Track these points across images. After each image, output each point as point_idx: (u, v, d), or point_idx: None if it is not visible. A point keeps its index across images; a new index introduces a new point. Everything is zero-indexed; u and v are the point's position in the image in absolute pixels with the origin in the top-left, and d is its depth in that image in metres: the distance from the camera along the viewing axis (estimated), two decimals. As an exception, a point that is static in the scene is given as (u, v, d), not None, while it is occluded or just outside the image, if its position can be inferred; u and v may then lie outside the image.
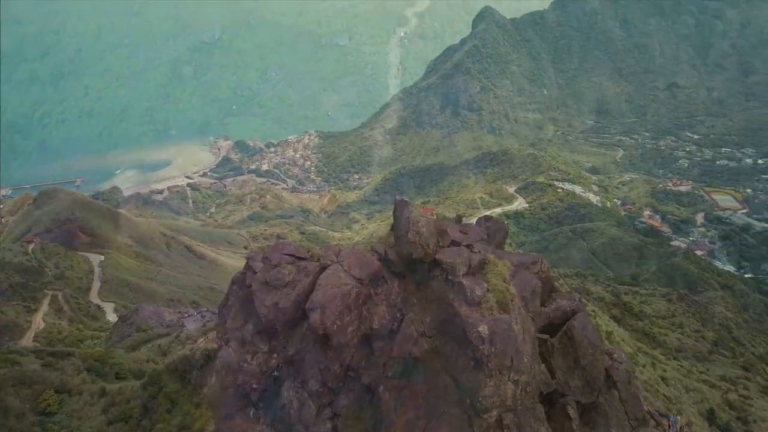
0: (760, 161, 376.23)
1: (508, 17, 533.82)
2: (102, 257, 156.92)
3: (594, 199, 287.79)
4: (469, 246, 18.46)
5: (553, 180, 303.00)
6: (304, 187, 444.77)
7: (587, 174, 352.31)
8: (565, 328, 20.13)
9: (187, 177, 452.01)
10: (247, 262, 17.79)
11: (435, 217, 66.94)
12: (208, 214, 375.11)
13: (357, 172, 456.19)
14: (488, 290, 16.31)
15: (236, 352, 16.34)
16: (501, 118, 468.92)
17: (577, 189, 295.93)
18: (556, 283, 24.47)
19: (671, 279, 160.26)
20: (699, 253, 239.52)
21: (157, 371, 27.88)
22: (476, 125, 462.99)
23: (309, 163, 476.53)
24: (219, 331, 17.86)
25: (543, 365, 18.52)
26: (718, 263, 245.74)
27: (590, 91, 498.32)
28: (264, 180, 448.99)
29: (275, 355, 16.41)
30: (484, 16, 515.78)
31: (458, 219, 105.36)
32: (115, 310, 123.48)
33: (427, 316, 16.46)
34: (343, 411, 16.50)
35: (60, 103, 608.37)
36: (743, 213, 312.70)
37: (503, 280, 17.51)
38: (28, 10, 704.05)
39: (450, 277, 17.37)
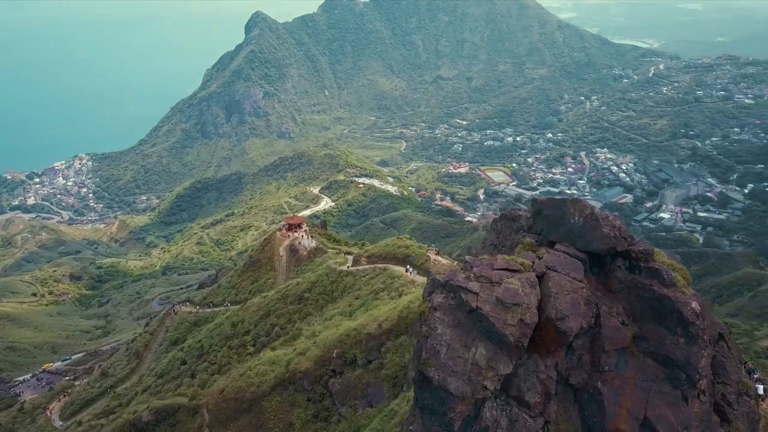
0: (518, 138, 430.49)
1: (280, 21, 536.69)
2: None
3: (393, 189, 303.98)
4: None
5: (352, 177, 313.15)
6: (85, 217, 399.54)
7: (379, 167, 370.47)
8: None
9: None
10: (454, 288, 16.44)
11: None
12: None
13: (144, 193, 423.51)
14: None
15: (466, 383, 14.91)
16: (289, 122, 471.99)
17: (376, 182, 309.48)
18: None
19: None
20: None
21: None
22: (265, 131, 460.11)
23: (85, 189, 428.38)
24: (433, 368, 15.61)
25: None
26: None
27: (368, 89, 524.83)
28: (33, 216, 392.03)
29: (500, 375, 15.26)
30: (256, 21, 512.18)
31: (323, 224, 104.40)
32: None
33: (617, 305, 16.77)
34: (553, 417, 16.23)
35: None
36: (514, 185, 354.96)
37: (667, 259, 18.53)
38: None
39: (642, 264, 17.93)
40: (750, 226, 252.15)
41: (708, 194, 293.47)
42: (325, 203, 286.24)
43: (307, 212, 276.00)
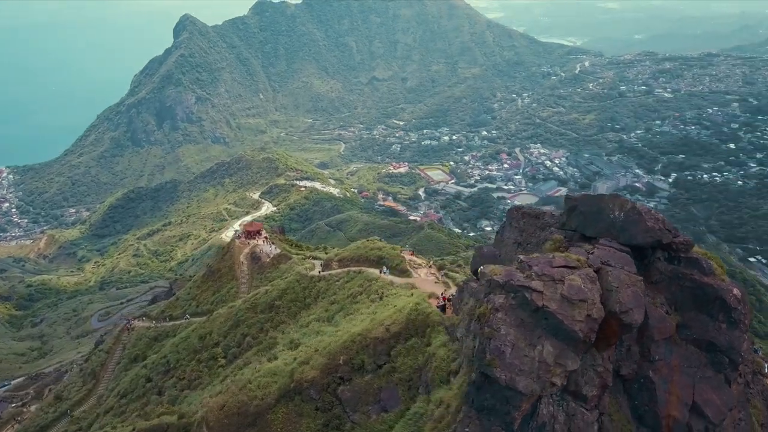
0: (454, 137, 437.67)
1: (210, 24, 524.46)
2: None
3: (335, 191, 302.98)
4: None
5: (293, 180, 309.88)
6: (8, 234, 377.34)
7: (319, 170, 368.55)
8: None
9: None
10: (515, 288, 16.47)
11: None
12: None
13: (73, 206, 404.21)
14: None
15: (534, 381, 14.87)
16: (223, 127, 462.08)
17: (317, 185, 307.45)
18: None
19: (427, 249, 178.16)
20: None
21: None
22: (199, 137, 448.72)
23: (7, 204, 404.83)
24: (498, 368, 15.51)
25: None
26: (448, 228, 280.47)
27: (303, 91, 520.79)
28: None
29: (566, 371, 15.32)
30: (185, 24, 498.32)
31: (281, 230, 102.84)
32: None
33: (660, 295, 17.18)
34: (607, 408, 16.49)
35: None
36: (453, 183, 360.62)
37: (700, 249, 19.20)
38: None
39: (682, 255, 18.44)
40: (676, 214, 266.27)
41: (636, 184, 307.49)
42: (267, 208, 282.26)
43: (248, 218, 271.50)
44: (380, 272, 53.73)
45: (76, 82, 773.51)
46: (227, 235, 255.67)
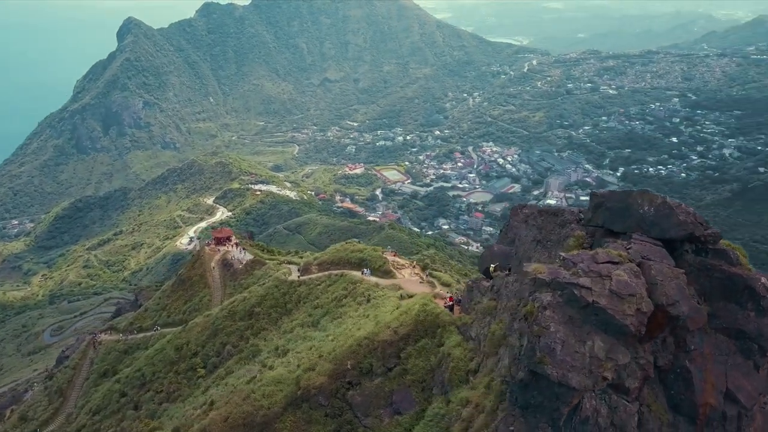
0: (408, 137, 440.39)
1: (155, 27, 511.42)
2: None
3: (292, 194, 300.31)
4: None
5: (248, 184, 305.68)
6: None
7: (274, 173, 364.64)
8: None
9: None
10: (562, 285, 16.77)
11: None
12: None
13: (15, 217, 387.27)
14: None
15: (587, 376, 15.10)
16: (173, 132, 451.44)
17: (273, 188, 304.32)
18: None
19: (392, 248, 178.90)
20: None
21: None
22: (148, 142, 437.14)
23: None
24: (549, 365, 15.56)
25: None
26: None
27: (254, 94, 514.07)
28: None
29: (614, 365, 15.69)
30: (129, 27, 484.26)
31: (250, 235, 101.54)
32: None
33: (690, 287, 17.73)
34: (645, 400, 16.88)
35: None
36: (409, 183, 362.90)
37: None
38: None
39: (710, 247, 18.97)
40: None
41: (587, 179, 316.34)
42: (222, 213, 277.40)
43: (203, 224, 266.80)
44: (361, 273, 53.63)
45: (12, 88, 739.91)
46: (182, 242, 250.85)
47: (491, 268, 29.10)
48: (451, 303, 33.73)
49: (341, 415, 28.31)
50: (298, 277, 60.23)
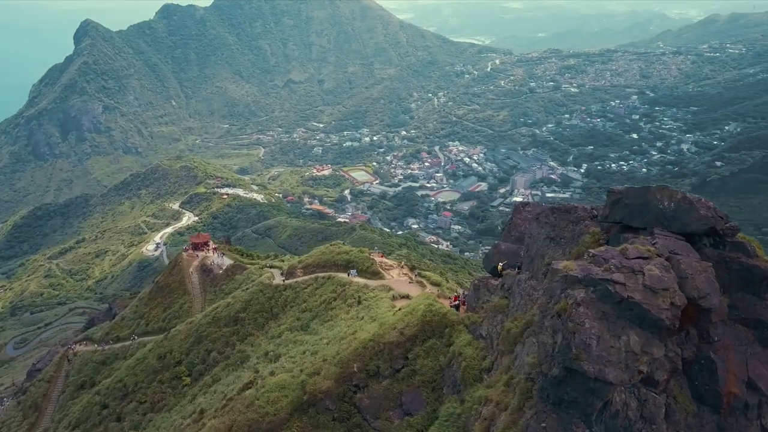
0: (374, 138, 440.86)
1: (114, 30, 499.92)
2: None
3: (259, 197, 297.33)
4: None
5: (213, 188, 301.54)
6: None
7: (240, 176, 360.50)
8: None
9: None
10: (595, 281, 17.21)
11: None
12: None
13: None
14: (749, 242, 19.43)
15: (623, 371, 15.30)
16: (135, 136, 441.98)
17: (240, 191, 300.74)
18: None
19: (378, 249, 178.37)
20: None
21: None
22: (109, 147, 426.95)
23: None
24: (585, 361, 15.65)
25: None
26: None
27: (217, 96, 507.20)
28: None
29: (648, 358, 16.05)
30: (86, 30, 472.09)
31: (227, 240, 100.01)
32: None
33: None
34: (671, 392, 17.19)
35: None
36: (377, 183, 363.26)
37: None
38: None
39: (728, 240, 19.45)
40: (591, 202, 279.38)
41: (552, 176, 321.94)
42: (188, 218, 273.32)
43: (169, 229, 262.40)
44: (348, 275, 53.47)
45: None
46: (148, 248, 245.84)
47: (499, 267, 29.37)
48: (456, 302, 33.94)
49: (349, 418, 28.15)
50: (283, 281, 59.65)
